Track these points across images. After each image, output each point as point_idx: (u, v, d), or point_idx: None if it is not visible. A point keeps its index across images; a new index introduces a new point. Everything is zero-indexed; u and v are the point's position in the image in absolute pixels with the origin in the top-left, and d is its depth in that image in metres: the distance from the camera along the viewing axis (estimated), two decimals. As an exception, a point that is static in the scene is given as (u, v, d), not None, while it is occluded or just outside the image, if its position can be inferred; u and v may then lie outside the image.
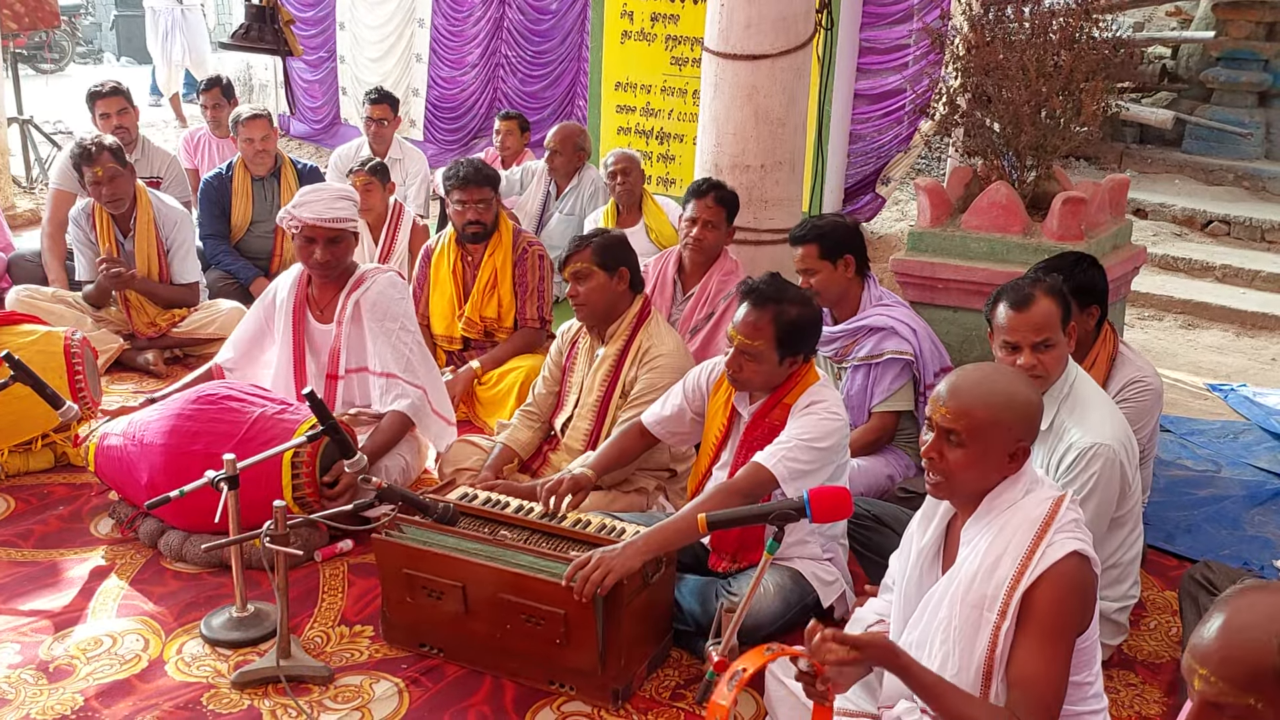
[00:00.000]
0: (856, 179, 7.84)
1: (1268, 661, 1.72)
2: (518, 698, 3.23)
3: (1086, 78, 4.71)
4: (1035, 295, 3.26)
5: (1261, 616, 1.76)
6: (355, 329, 4.34)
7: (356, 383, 4.40)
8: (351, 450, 3.70)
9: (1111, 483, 3.14)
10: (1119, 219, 5.24)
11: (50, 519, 4.22)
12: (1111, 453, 3.11)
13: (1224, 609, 1.81)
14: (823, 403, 3.36)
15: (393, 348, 4.30)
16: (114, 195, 5.54)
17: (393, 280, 4.42)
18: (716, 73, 5.04)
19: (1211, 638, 1.78)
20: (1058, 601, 2.35)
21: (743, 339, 3.37)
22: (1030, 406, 2.48)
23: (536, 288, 5.28)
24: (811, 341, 3.46)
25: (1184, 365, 6.40)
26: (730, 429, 3.58)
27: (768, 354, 3.36)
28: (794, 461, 3.24)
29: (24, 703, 3.16)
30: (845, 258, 4.27)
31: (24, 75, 10.79)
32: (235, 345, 4.58)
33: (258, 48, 6.48)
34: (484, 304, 5.26)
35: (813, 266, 4.26)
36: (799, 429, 3.30)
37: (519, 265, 5.26)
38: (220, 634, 3.47)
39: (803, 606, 3.44)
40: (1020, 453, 2.46)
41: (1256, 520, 4.51)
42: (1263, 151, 9.42)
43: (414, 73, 10.36)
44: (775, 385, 3.44)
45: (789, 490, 3.22)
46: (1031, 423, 2.48)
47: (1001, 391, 2.47)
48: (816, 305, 3.53)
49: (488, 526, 3.41)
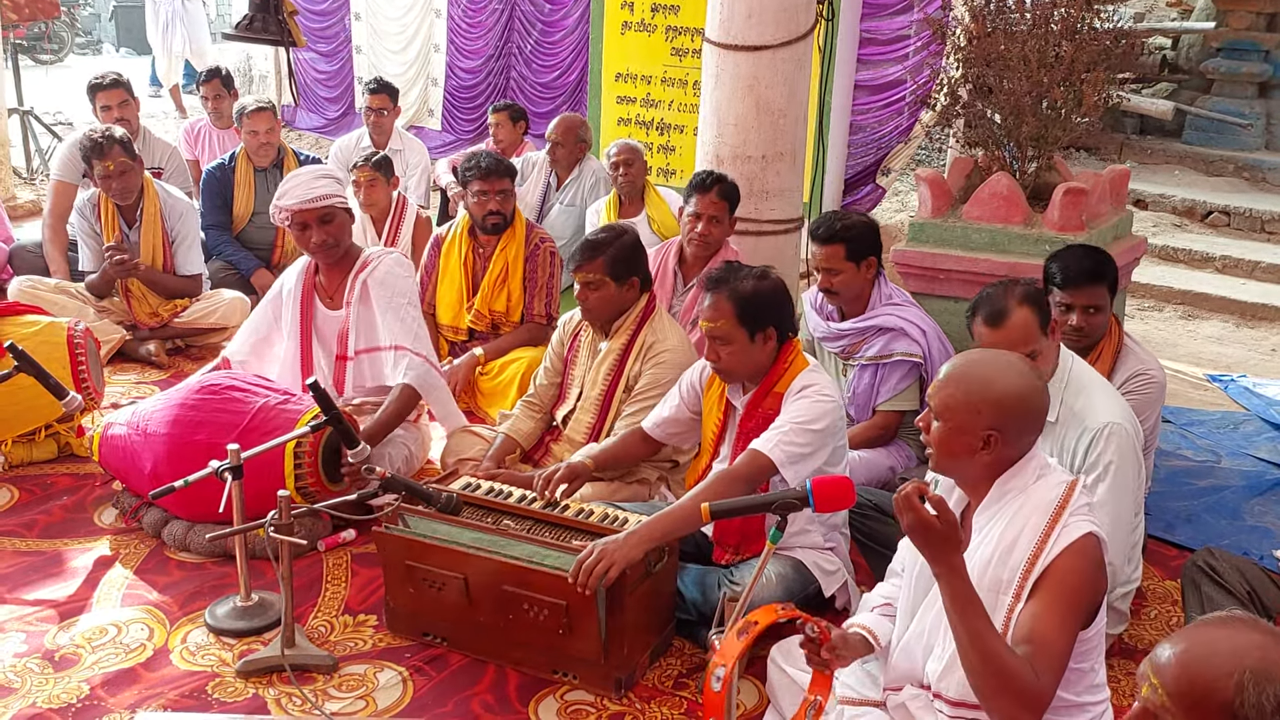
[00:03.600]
0: (857, 170, 7.84)
1: (1219, 696, 1.71)
2: (521, 686, 3.25)
3: (1088, 68, 4.71)
4: (1009, 309, 3.27)
5: (1230, 652, 1.74)
6: (364, 309, 4.37)
7: (367, 363, 4.42)
8: (355, 440, 3.72)
9: (1131, 458, 3.16)
10: (1120, 210, 5.25)
11: (54, 509, 4.23)
12: (1124, 430, 3.14)
13: (1198, 631, 1.80)
14: (814, 386, 3.36)
15: (400, 320, 4.34)
16: (124, 188, 5.55)
17: (399, 259, 4.47)
18: (717, 63, 5.04)
19: (1173, 656, 1.77)
20: (1073, 570, 2.35)
21: (706, 324, 3.42)
22: (1010, 397, 2.44)
23: (546, 284, 5.28)
24: (778, 312, 3.42)
25: (1184, 356, 6.41)
26: (726, 422, 3.59)
27: (734, 333, 3.37)
28: (790, 445, 3.25)
29: (30, 692, 3.17)
30: (869, 259, 4.26)
31: (23, 66, 10.76)
32: (246, 341, 4.58)
33: (261, 38, 6.46)
34: (493, 297, 5.27)
35: (837, 267, 4.24)
36: (792, 413, 3.31)
37: (530, 260, 5.26)
38: (225, 623, 3.48)
39: (805, 596, 3.45)
40: (993, 441, 2.44)
41: (1256, 510, 4.52)
42: (1263, 142, 9.42)
43: (433, 62, 10.37)
44: (761, 370, 3.44)
45: (787, 474, 3.24)
46: (1006, 411, 2.44)
47: (981, 376, 2.48)
48: (775, 278, 3.50)
49: (490, 516, 3.43)
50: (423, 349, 4.36)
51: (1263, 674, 1.69)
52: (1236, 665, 1.71)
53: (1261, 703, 1.68)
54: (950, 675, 2.48)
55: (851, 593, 3.53)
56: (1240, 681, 1.69)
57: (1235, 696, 1.69)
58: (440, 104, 10.37)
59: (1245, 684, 1.69)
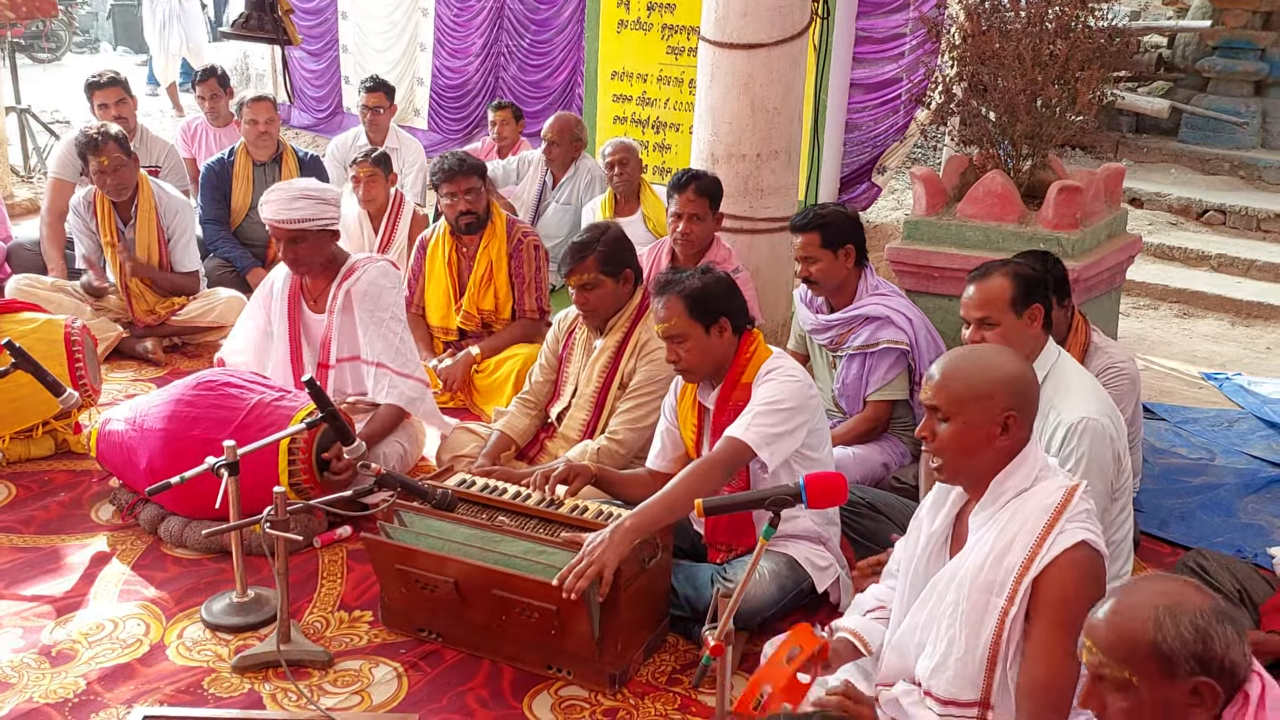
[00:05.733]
0: (852, 168, 7.86)
1: (1144, 639, 1.85)
2: (515, 682, 3.26)
3: (1082, 66, 4.73)
4: (993, 270, 3.32)
5: (1145, 598, 1.89)
6: (346, 318, 4.35)
7: (349, 371, 4.41)
8: (350, 437, 3.73)
9: (1104, 456, 3.16)
10: (1114, 208, 5.27)
11: (51, 505, 4.24)
12: (1100, 427, 3.13)
13: (1117, 593, 1.94)
14: (778, 369, 3.39)
15: (383, 337, 4.31)
16: (119, 184, 5.56)
17: (384, 270, 4.42)
18: (713, 62, 5.06)
19: (1100, 618, 1.92)
20: (1070, 593, 2.36)
21: (660, 325, 3.46)
22: (1014, 377, 2.48)
23: (534, 279, 5.28)
24: (728, 303, 3.45)
25: (1179, 354, 6.41)
26: (702, 424, 3.60)
27: (688, 329, 3.40)
28: (762, 426, 3.27)
29: (27, 686, 3.19)
30: (846, 247, 4.28)
31: (21, 64, 10.76)
32: (244, 342, 4.57)
33: (257, 37, 6.48)
34: (480, 297, 5.27)
35: (813, 255, 4.27)
36: (761, 396, 3.34)
37: (515, 257, 5.25)
38: (221, 619, 3.49)
39: (798, 592, 3.47)
40: (1011, 423, 2.46)
41: (1250, 508, 4.53)
42: (1259, 141, 9.42)
43: (419, 62, 10.36)
44: (723, 364, 3.46)
45: (764, 455, 3.25)
46: (1017, 392, 2.48)
47: (979, 365, 2.50)
48: (718, 272, 3.55)
49: (485, 512, 3.44)
50: (406, 367, 4.32)
51: (1176, 608, 1.85)
52: (1152, 609, 1.86)
53: (1181, 633, 1.84)
54: (940, 674, 2.50)
55: (844, 588, 3.54)
56: (1157, 619, 1.85)
57: (1156, 633, 1.84)
58: (426, 104, 10.37)
59: (1162, 619, 1.85)
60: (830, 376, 4.47)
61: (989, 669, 2.44)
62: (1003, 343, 3.24)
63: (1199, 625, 1.83)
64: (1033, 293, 3.31)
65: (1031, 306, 3.29)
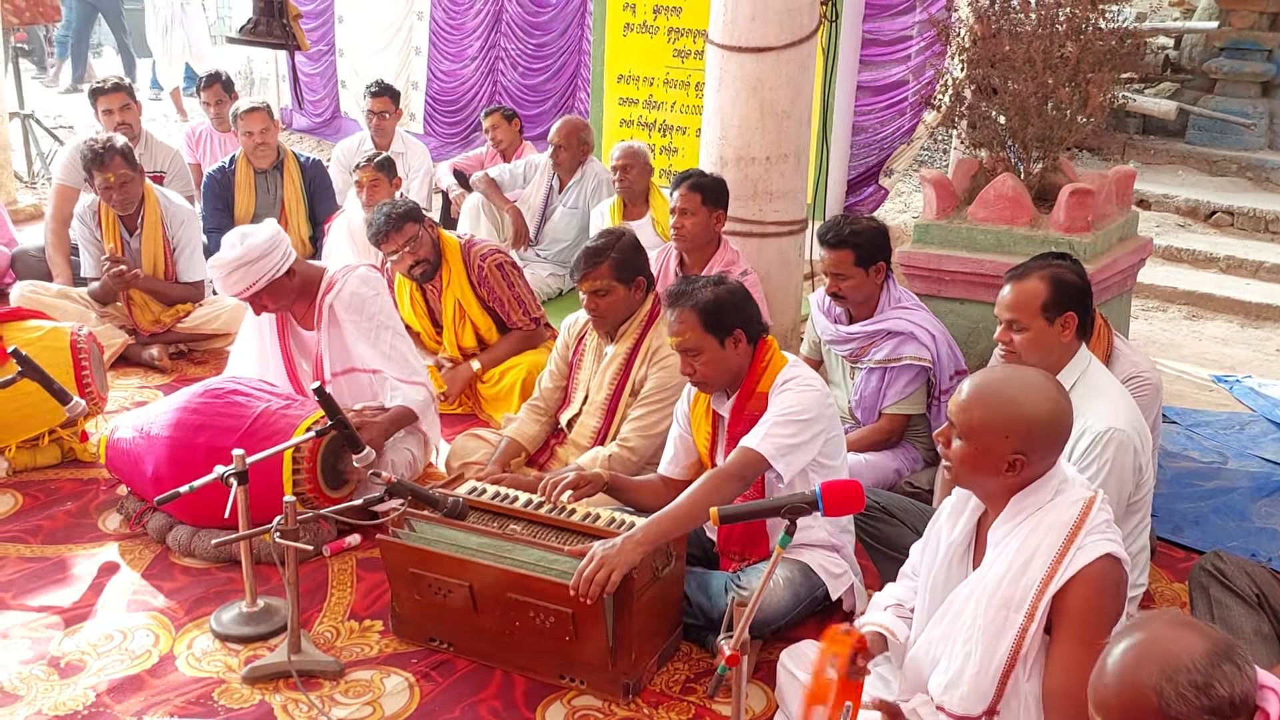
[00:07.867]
0: (859, 171, 7.83)
1: (1151, 711, 1.80)
2: (528, 692, 3.23)
3: (1093, 69, 4.70)
4: (1030, 272, 3.27)
5: (1138, 665, 1.83)
6: (334, 332, 4.27)
7: (346, 385, 4.28)
8: (359, 445, 3.69)
9: (1126, 467, 3.13)
10: (1125, 210, 5.24)
11: (58, 514, 4.22)
12: (1125, 437, 3.10)
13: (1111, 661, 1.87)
14: (795, 379, 3.35)
15: (373, 345, 4.25)
16: (125, 199, 5.52)
17: (364, 277, 4.32)
18: (721, 65, 5.03)
19: (1107, 691, 1.86)
20: (1093, 607, 2.34)
21: (674, 339, 3.42)
22: (1035, 420, 2.40)
23: (510, 296, 5.16)
24: (742, 314, 3.41)
25: (1189, 357, 6.39)
26: (716, 433, 3.56)
27: (702, 341, 3.36)
28: (778, 437, 3.24)
29: (35, 698, 3.16)
30: (878, 264, 4.25)
31: (24, 70, 10.75)
32: (244, 364, 4.48)
33: (265, 42, 6.47)
34: (460, 336, 5.21)
35: (845, 272, 4.23)
36: (778, 407, 3.30)
37: (482, 285, 5.13)
38: (231, 629, 3.47)
39: (812, 599, 3.44)
40: (1019, 464, 2.41)
41: (1264, 512, 4.50)
42: (1266, 142, 9.39)
43: (413, 66, 10.32)
44: (739, 374, 3.43)
45: (780, 467, 3.22)
46: (1035, 437, 2.41)
47: (1006, 397, 2.43)
48: (731, 282, 3.50)
49: (497, 521, 3.41)
50: (405, 373, 4.26)
51: (1169, 671, 1.79)
52: (1148, 676, 1.81)
53: (1182, 695, 1.78)
54: (954, 690, 2.47)
55: (858, 595, 3.52)
56: (1156, 688, 1.79)
57: (1159, 701, 1.79)
58: (421, 108, 10.33)
59: (1161, 688, 1.79)
60: (846, 384, 4.44)
61: (1003, 681, 2.42)
62: (1030, 349, 3.22)
63: (1197, 682, 1.78)
64: (1068, 300, 3.24)
65: (1065, 314, 3.23)
